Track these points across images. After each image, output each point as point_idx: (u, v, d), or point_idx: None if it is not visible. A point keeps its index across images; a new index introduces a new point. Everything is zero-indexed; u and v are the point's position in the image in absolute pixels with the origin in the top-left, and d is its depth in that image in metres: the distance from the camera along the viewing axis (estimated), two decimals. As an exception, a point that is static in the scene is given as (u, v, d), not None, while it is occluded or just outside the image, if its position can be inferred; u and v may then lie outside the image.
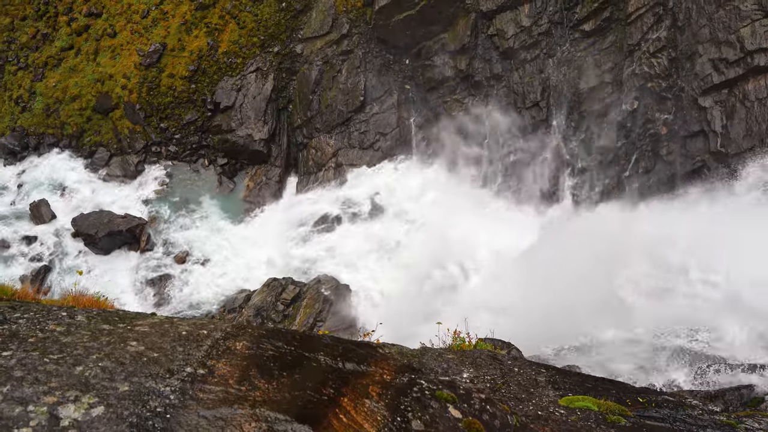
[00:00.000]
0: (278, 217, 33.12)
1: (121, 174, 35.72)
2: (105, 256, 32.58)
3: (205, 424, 4.60)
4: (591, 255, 22.66)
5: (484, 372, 9.57)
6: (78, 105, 36.47)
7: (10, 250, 32.78)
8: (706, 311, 19.95)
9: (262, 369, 5.32)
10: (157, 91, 35.78)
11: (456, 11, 32.52)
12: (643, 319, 19.86)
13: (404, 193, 31.80)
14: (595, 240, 24.12)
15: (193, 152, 36.05)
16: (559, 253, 24.42)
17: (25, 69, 37.95)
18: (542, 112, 31.24)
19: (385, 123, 34.07)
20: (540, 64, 31.37)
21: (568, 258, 23.56)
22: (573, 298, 21.08)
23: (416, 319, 24.92)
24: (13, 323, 5.69)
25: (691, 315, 20.05)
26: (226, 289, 30.55)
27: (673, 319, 19.32)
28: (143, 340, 5.57)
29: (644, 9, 29.26)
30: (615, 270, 22.40)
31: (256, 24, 35.73)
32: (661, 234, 23.32)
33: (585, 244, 24.01)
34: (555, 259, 23.90)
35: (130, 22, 37.23)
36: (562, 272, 23.24)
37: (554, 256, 24.30)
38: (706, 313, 19.74)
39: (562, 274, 22.61)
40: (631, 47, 29.64)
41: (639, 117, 29.59)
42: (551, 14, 31.01)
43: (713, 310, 19.66)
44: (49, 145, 36.74)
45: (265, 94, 35.06)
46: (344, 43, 34.71)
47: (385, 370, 5.85)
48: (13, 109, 37.50)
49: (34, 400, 4.55)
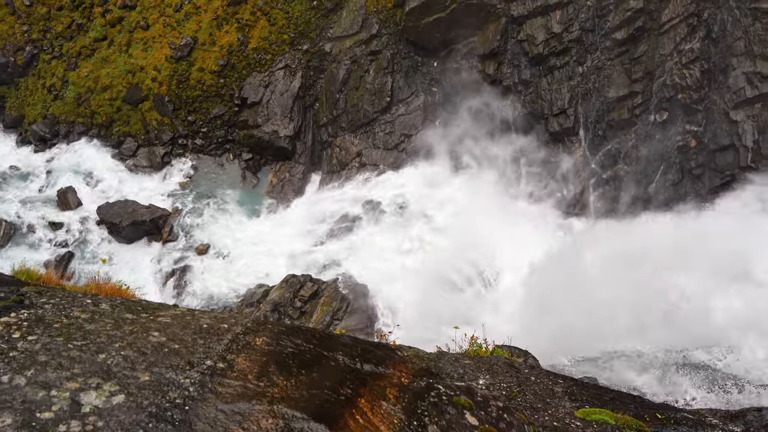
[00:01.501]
0: (300, 214, 33.27)
1: (147, 165, 36.17)
2: (128, 245, 33.00)
3: (222, 417, 4.64)
4: (613, 266, 22.43)
5: (500, 379, 9.51)
6: (108, 95, 37.01)
7: (36, 235, 33.36)
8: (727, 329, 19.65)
9: (281, 366, 5.34)
10: (187, 85, 36.17)
11: (486, 15, 32.40)
12: (664, 334, 19.60)
13: (426, 196, 31.73)
14: (618, 251, 23.87)
15: (218, 146, 36.38)
16: (581, 263, 24.21)
17: (59, 58, 38.59)
18: (569, 120, 30.98)
19: (411, 125, 34.05)
20: (569, 71, 31.11)
21: (589, 269, 23.36)
22: (593, 310, 20.88)
23: (433, 322, 24.89)
24: (39, 308, 5.79)
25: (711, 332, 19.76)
26: (244, 283, 30.75)
27: (694, 336, 19.05)
28: (165, 331, 5.63)
29: (678, 19, 28.89)
30: (637, 283, 22.13)
31: (287, 21, 35.94)
32: (685, 247, 22.99)
33: (607, 256, 23.77)
34: (576, 270, 23.70)
35: (163, 15, 37.67)
36: (582, 283, 23.04)
37: (575, 266, 24.09)
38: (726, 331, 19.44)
39: (583, 284, 22.41)
40: (662, 57, 29.28)
41: (668, 128, 29.22)
42: (583, 21, 30.74)
43: (734, 328, 19.35)
44: (78, 133, 37.32)
45: (293, 92, 35.26)
46: (373, 43, 34.77)
47: (403, 373, 5.84)
48: (46, 96, 38.15)
49: (57, 385, 4.62)
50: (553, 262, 25.72)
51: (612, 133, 30.37)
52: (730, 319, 19.97)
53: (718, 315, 20.35)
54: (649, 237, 25.55)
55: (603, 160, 30.47)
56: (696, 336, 19.07)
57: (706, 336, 19.01)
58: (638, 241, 25.18)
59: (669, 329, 19.96)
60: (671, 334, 19.57)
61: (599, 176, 30.53)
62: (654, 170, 29.39)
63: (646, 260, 22.83)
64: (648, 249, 23.68)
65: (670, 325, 20.21)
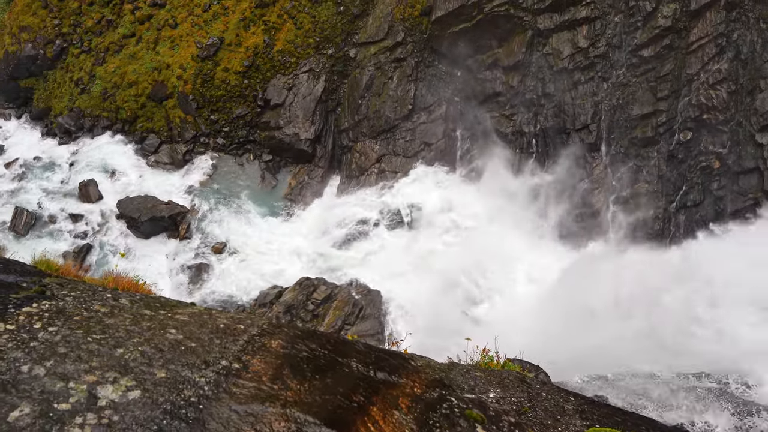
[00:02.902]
0: (317, 217, 33.37)
1: (168, 161, 36.53)
2: (145, 240, 33.30)
3: (235, 418, 4.66)
4: (629, 285, 22.19)
5: (510, 393, 9.43)
6: (134, 91, 37.47)
7: (57, 225, 33.80)
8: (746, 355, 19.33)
9: (295, 369, 5.36)
10: (211, 84, 36.51)
11: (512, 27, 32.35)
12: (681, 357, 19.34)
13: (444, 206, 31.66)
14: (636, 270, 23.62)
15: (239, 146, 36.65)
16: (597, 280, 23.99)
17: (88, 53, 39.17)
18: (591, 135, 30.78)
19: (432, 133, 34.05)
20: (594, 87, 30.94)
21: (605, 286, 23.13)
22: (607, 328, 20.67)
23: (444, 331, 24.79)
24: (61, 300, 5.86)
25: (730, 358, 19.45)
26: (259, 283, 30.87)
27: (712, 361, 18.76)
28: (182, 329, 5.68)
29: (707, 39, 28.63)
30: (654, 303, 21.88)
31: (313, 25, 36.17)
32: (704, 270, 22.70)
33: (624, 274, 23.53)
34: (592, 287, 23.49)
35: (192, 14, 38.10)
36: (598, 301, 22.82)
37: (591, 283, 23.88)
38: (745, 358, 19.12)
39: (598, 302, 22.20)
40: (689, 77, 29.01)
41: (691, 149, 28.92)
42: (610, 37, 30.58)
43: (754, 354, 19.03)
44: (103, 127, 37.81)
45: (315, 95, 35.44)
46: (398, 51, 34.86)
47: (415, 383, 5.83)
48: (73, 90, 38.72)
49: (75, 377, 4.67)
50: (570, 277, 25.52)
51: (634, 151, 30.12)
52: (749, 346, 19.66)
53: (738, 341, 20.04)
54: (668, 257, 25.26)
55: (624, 177, 30.21)
56: (713, 361, 18.79)
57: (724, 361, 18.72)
58: (657, 260, 24.91)
59: (686, 352, 19.69)
60: (688, 358, 19.30)
61: (619, 193, 30.27)
62: (675, 190, 29.08)
63: (665, 281, 22.57)
64: (666, 269, 23.43)
65: (687, 349, 19.94)
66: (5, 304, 5.49)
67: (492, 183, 32.11)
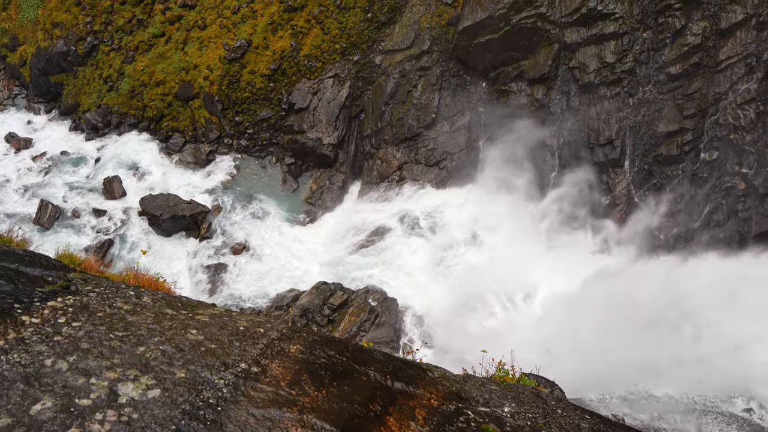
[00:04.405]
0: (336, 223, 33.46)
1: (192, 161, 36.90)
2: (166, 238, 33.63)
3: (253, 422, 4.67)
4: (649, 305, 21.90)
5: (525, 408, 9.35)
6: (161, 90, 37.95)
7: (80, 220, 34.27)
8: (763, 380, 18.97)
9: (313, 375, 5.36)
10: (237, 86, 36.85)
11: (539, 40, 32.25)
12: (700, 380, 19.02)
13: (464, 216, 31.55)
14: (656, 290, 23.31)
15: (262, 148, 36.92)
16: (616, 298, 23.71)
17: (118, 51, 39.77)
18: (615, 151, 30.53)
19: (454, 143, 34.00)
20: (619, 102, 30.71)
21: (624, 305, 22.84)
22: (624, 347, 20.39)
23: (459, 342, 24.66)
24: (85, 296, 5.93)
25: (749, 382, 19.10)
26: (276, 285, 30.99)
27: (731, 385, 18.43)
28: (203, 329, 5.71)
29: (736, 58, 28.31)
30: (674, 325, 21.56)
31: (340, 31, 36.37)
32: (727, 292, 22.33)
33: (644, 293, 23.22)
34: (610, 304, 23.21)
35: (221, 16, 38.53)
36: (616, 318, 22.54)
37: (610, 301, 23.60)
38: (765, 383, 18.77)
39: (617, 320, 21.92)
40: (717, 96, 28.69)
41: (717, 168, 28.56)
42: (637, 53, 30.35)
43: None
44: (129, 125, 38.34)
45: (340, 101, 35.59)
46: (423, 59, 34.91)
47: (432, 395, 5.80)
48: (101, 87, 39.32)
49: (96, 373, 4.72)
50: (588, 294, 25.26)
51: (658, 168, 29.81)
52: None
53: (759, 365, 19.67)
54: (689, 277, 24.90)
55: (647, 195, 29.90)
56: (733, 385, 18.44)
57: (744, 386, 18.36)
58: (678, 280, 24.55)
59: (705, 376, 19.35)
60: (707, 381, 18.96)
61: (641, 210, 29.96)
62: (699, 209, 28.71)
63: (685, 302, 22.24)
64: (687, 290, 23.09)
65: (706, 372, 19.60)
66: (31, 297, 5.57)
67: (513, 195, 31.96)
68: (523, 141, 32.39)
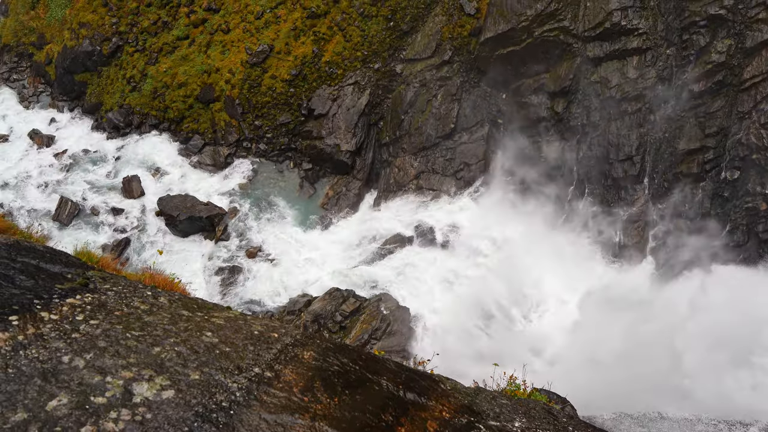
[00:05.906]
0: (352, 229, 33.48)
1: (210, 163, 37.19)
2: (182, 239, 33.87)
3: (264, 427, 4.67)
4: (665, 323, 21.63)
5: (536, 425, 9.26)
6: (183, 92, 38.34)
7: (98, 218, 34.65)
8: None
9: (326, 383, 5.36)
10: (258, 90, 37.12)
11: (561, 53, 32.16)
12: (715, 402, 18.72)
13: (480, 227, 31.45)
14: (671, 308, 23.03)
15: (280, 153, 37.12)
16: (631, 315, 23.47)
17: (142, 52, 40.27)
18: (635, 167, 30.30)
19: (472, 153, 33.94)
20: (640, 118, 30.49)
21: (639, 322, 22.60)
22: (638, 365, 20.15)
23: (471, 354, 24.54)
24: (103, 294, 5.98)
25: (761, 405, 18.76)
26: (289, 290, 31.06)
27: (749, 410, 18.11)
28: (218, 332, 5.73)
29: (761, 77, 28.01)
30: (690, 345, 21.27)
31: (362, 39, 36.54)
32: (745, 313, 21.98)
33: (660, 311, 22.96)
34: (625, 321, 22.97)
35: (244, 21, 38.89)
36: (630, 335, 22.30)
37: (625, 317, 23.36)
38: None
39: (630, 337, 21.68)
40: (740, 114, 28.38)
41: (738, 188, 28.22)
42: (660, 69, 30.15)
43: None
44: (150, 125, 38.75)
45: (359, 108, 35.71)
46: (444, 69, 34.95)
47: (444, 407, 5.77)
48: (124, 87, 39.81)
49: (112, 372, 4.75)
50: (601, 310, 25.03)
51: (678, 186, 29.53)
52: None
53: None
54: (707, 297, 24.57)
55: (665, 212, 29.62)
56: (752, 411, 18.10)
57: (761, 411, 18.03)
58: (696, 299, 24.25)
59: (721, 398, 19.05)
60: (723, 404, 18.66)
61: (659, 228, 29.67)
62: (718, 229, 28.36)
63: (701, 321, 21.95)
64: (704, 308, 22.80)
65: (721, 394, 19.30)
66: (50, 294, 5.63)
67: (530, 208, 31.82)
68: (543, 153, 32.26)
